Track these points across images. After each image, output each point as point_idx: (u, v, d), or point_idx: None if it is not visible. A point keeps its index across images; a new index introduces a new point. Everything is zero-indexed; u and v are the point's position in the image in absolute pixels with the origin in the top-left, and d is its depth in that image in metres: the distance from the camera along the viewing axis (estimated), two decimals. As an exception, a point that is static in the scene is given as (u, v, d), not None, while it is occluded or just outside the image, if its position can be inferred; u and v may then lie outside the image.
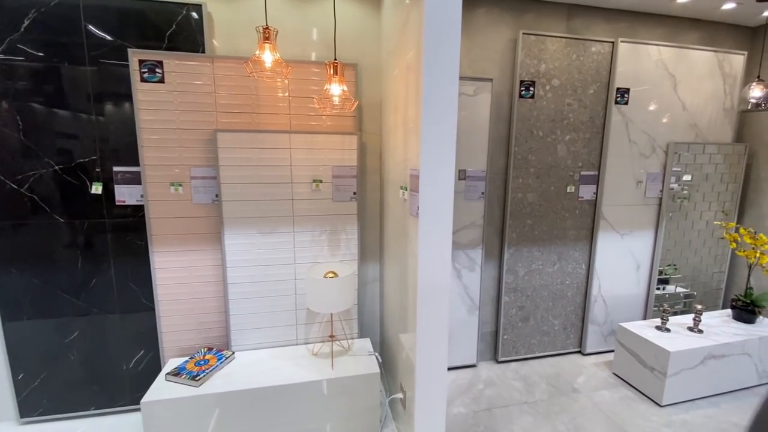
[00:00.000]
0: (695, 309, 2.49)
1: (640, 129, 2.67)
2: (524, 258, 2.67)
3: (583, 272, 2.81)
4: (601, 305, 2.85)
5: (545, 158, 2.57)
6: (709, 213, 2.93)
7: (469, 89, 2.36)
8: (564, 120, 2.55)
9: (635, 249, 2.84)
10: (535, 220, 2.64)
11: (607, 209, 2.72)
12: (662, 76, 2.64)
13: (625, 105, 2.60)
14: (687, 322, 2.57)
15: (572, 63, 2.49)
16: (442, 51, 1.43)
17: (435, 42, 1.42)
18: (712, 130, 2.83)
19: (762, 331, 2.49)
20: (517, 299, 2.71)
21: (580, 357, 2.87)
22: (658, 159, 2.75)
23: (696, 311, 2.49)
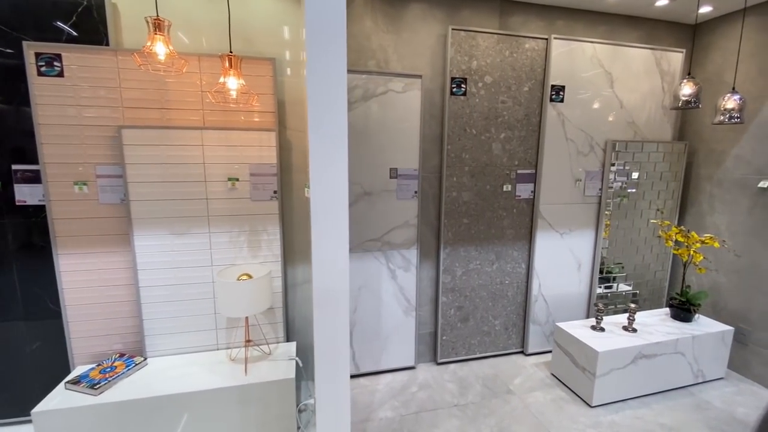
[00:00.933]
0: (629, 308, 2.48)
1: (577, 127, 2.65)
2: (461, 258, 2.63)
3: (523, 271, 2.78)
4: (542, 305, 2.82)
5: (480, 156, 2.53)
6: (649, 211, 2.92)
7: (397, 85, 2.31)
8: (498, 118, 2.52)
9: (576, 248, 2.82)
10: (471, 219, 2.60)
11: (545, 208, 2.69)
12: (598, 74, 2.62)
13: (561, 102, 2.58)
14: (623, 321, 2.56)
15: (505, 60, 2.46)
16: (326, 45, 1.37)
17: (317, 35, 1.36)
18: (652, 128, 2.83)
19: (696, 329, 2.49)
20: (455, 299, 2.67)
21: (521, 357, 2.84)
22: (596, 157, 2.73)
23: (630, 310, 2.48)
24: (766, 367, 2.48)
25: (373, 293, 2.50)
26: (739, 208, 2.62)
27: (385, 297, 2.52)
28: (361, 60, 2.29)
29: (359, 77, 2.24)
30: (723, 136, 2.71)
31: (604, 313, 2.48)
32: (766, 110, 2.45)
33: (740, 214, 2.61)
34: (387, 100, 2.31)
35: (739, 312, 2.63)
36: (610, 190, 2.79)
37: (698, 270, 2.51)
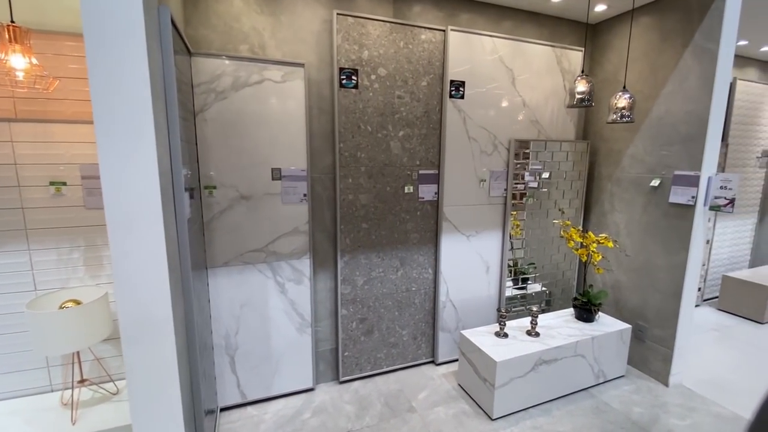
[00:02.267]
0: (531, 311, 2.41)
1: (480, 125, 2.54)
2: (362, 266, 2.42)
3: (431, 277, 2.63)
4: (450, 311, 2.69)
5: (377, 156, 2.33)
6: (555, 211, 2.90)
7: (275, 74, 2.04)
8: (395, 114, 2.33)
9: (483, 250, 2.72)
10: (371, 223, 2.39)
11: (449, 210, 2.56)
12: (499, 70, 2.53)
13: (462, 99, 2.45)
14: (528, 325, 2.48)
15: (400, 51, 2.28)
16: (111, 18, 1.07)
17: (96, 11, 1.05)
18: (556, 127, 2.80)
19: (597, 330, 2.47)
20: (357, 311, 2.45)
21: (431, 368, 2.69)
22: (500, 157, 2.65)
23: (532, 314, 2.40)
24: (662, 363, 2.52)
25: (259, 311, 2.21)
26: (635, 206, 2.65)
27: (274, 314, 2.24)
28: (229, 44, 1.99)
29: (226, 63, 1.94)
30: (620, 136, 2.74)
31: (507, 318, 2.38)
32: (657, 109, 2.49)
33: (636, 213, 2.64)
34: (264, 91, 2.03)
35: (638, 309, 2.66)
36: (516, 190, 2.72)
37: (596, 270, 2.50)
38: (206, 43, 1.94)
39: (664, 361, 2.51)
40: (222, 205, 2.04)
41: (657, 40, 2.47)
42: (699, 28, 2.24)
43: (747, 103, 3.74)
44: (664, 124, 2.45)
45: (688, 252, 2.34)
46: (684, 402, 2.34)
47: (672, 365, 2.47)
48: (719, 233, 3.88)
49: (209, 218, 2.03)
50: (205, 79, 1.92)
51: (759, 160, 3.99)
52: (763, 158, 4.01)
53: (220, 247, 2.08)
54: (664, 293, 2.49)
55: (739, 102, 3.68)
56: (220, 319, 2.14)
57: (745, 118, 3.77)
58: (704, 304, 3.92)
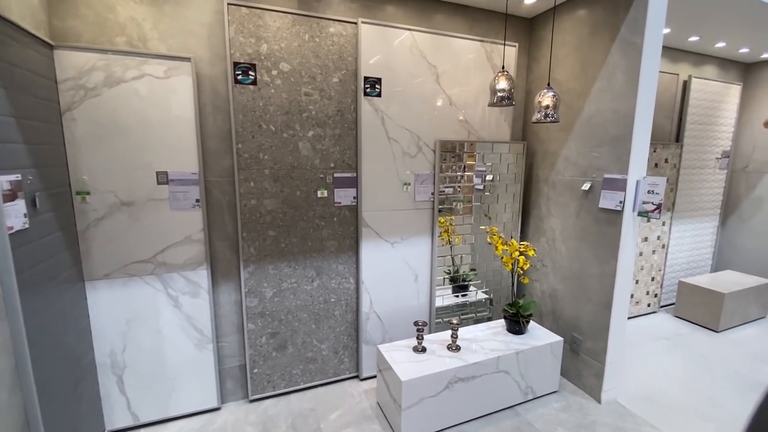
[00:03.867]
0: (451, 323, 2.24)
1: (401, 125, 2.37)
2: (271, 276, 2.25)
3: (352, 287, 2.46)
4: (375, 323, 2.53)
5: (284, 158, 2.16)
6: (499, 214, 2.75)
7: (157, 69, 1.86)
8: (303, 113, 2.16)
9: (410, 258, 2.55)
10: (279, 230, 2.22)
11: (370, 216, 2.39)
12: (421, 66, 2.37)
13: (378, 97, 2.29)
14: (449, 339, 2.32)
15: (305, 45, 2.11)
16: None
17: None
18: (489, 127, 2.64)
19: (523, 344, 2.31)
20: (267, 325, 2.28)
21: (355, 383, 2.52)
22: (426, 159, 2.48)
23: (452, 327, 2.24)
24: (595, 378, 2.37)
25: (149, 327, 2.03)
26: (569, 211, 2.50)
27: (168, 330, 2.07)
28: (103, 36, 1.81)
29: (97, 57, 1.76)
30: (554, 136, 2.59)
31: (422, 332, 2.21)
32: (588, 108, 2.33)
33: (570, 218, 2.49)
34: (144, 88, 1.85)
35: (572, 320, 2.51)
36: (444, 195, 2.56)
37: (523, 280, 2.34)
38: (74, 35, 1.76)
39: (597, 377, 2.35)
40: (99, 212, 1.87)
41: (587, 34, 2.31)
42: (624, 20, 2.08)
43: (704, 102, 3.60)
44: (594, 123, 2.30)
45: (617, 261, 2.18)
46: (613, 421, 2.18)
47: (604, 381, 2.31)
48: (677, 237, 3.74)
49: (84, 227, 1.85)
50: (72, 75, 1.74)
51: (719, 161, 3.86)
52: (722, 159, 3.88)
53: (100, 258, 1.90)
54: (596, 304, 2.34)
55: (695, 101, 3.54)
56: (103, 336, 1.96)
57: (703, 118, 3.64)
58: (661, 310, 3.78)
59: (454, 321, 2.24)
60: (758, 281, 3.55)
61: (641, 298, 3.60)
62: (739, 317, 3.41)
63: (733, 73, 3.78)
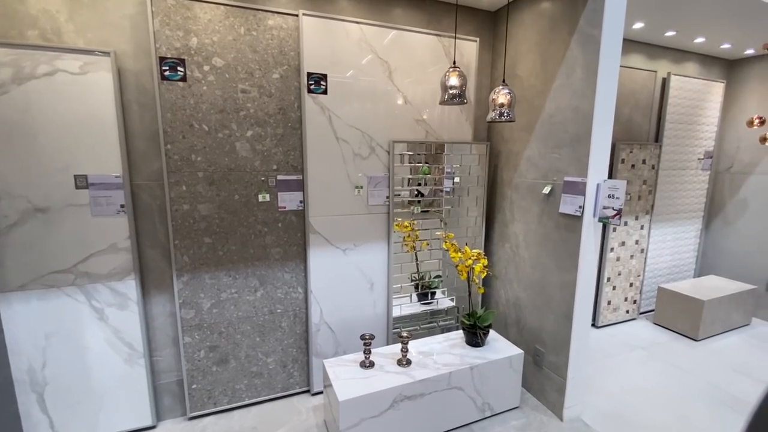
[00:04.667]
0: (400, 337, 2.10)
1: (350, 124, 2.23)
2: (208, 286, 2.11)
3: (301, 297, 2.32)
4: (327, 334, 2.38)
5: (219, 159, 2.02)
6: (465, 219, 2.60)
7: (72, 65, 1.72)
8: (241, 111, 2.02)
9: (365, 265, 2.41)
10: (216, 237, 2.08)
11: (319, 221, 2.25)
12: (372, 62, 2.23)
13: (324, 95, 2.14)
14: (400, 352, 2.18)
15: (241, 39, 1.97)
16: None
17: None
18: (448, 126, 2.49)
19: (479, 358, 2.16)
20: (205, 338, 2.14)
21: (305, 398, 2.38)
22: (380, 160, 2.34)
23: (401, 339, 2.10)
24: (558, 394, 2.22)
25: (72, 342, 1.89)
26: (532, 216, 2.35)
27: (94, 344, 1.93)
28: (12, 29, 1.67)
29: (4, 52, 1.62)
30: (518, 137, 2.44)
31: (370, 345, 2.07)
32: (548, 107, 2.19)
33: (533, 223, 2.35)
34: (58, 85, 1.71)
35: (536, 331, 2.37)
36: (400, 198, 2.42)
37: (478, 290, 2.20)
38: (-22, 27, 1.63)
39: (559, 392, 2.21)
40: (10, 218, 1.73)
41: (546, 27, 2.17)
42: (583, 12, 1.94)
43: (684, 101, 3.45)
44: (554, 123, 2.15)
45: (578, 269, 2.04)
46: (573, 441, 2.04)
47: (566, 397, 2.17)
48: (657, 240, 3.59)
49: (-8, 235, 1.71)
50: (-27, 70, 1.60)
51: (701, 162, 3.71)
52: (705, 160, 3.73)
53: (13, 268, 1.76)
54: (557, 315, 2.20)
55: (675, 99, 3.40)
56: (19, 352, 1.82)
57: (683, 117, 3.49)
58: (641, 317, 3.63)
59: (404, 334, 2.10)
60: (741, 287, 3.41)
61: (619, 305, 3.46)
62: (720, 325, 3.27)
63: (715, 70, 3.64)
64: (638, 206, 3.34)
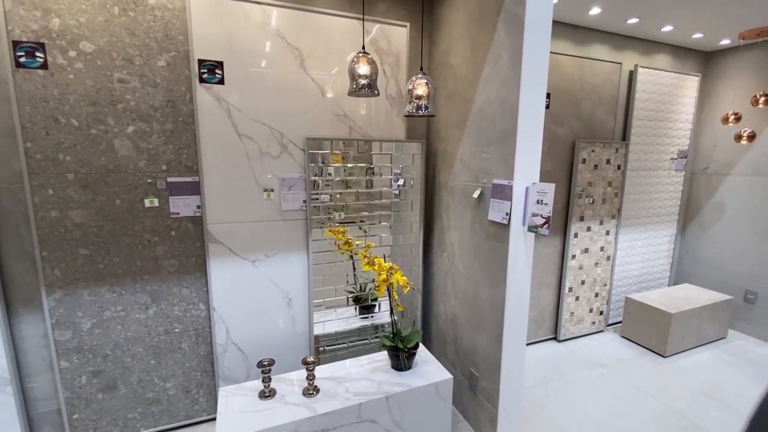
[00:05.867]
0: (305, 362, 1.84)
1: (255, 119, 1.97)
2: (87, 304, 1.85)
3: (203, 314, 2.06)
4: (235, 356, 2.13)
5: (94, 159, 1.76)
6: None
7: None
8: (119, 104, 1.76)
9: (280, 278, 2.15)
10: (95, 248, 1.82)
11: (221, 229, 1.99)
12: (279, 49, 1.97)
13: (221, 84, 1.89)
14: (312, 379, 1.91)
15: (115, 20, 1.71)
16: None
17: None
18: (376, 122, 2.23)
19: (400, 384, 1.89)
20: (86, 362, 1.88)
21: (213, 426, 2.12)
22: (294, 160, 2.08)
23: (306, 365, 1.83)
24: (491, 425, 1.96)
25: None
26: (465, 222, 2.09)
27: (-58, 372, 1.68)
28: None
29: None
30: (452, 134, 2.18)
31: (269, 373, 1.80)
32: (478, 99, 1.93)
33: (466, 230, 2.09)
34: None
35: (470, 352, 2.11)
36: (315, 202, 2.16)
37: (397, 307, 1.93)
38: None
39: (492, 423, 1.95)
40: None
41: (475, 7, 1.91)
42: (508, -12, 1.68)
43: (654, 95, 3.19)
44: (484, 117, 1.89)
45: (506, 285, 1.78)
46: (500, 483, 1.78)
47: (498, 429, 1.91)
48: (626, 247, 3.33)
49: None
50: None
51: (674, 162, 3.44)
52: (679, 160, 3.46)
53: None
54: (489, 335, 1.94)
55: (644, 93, 3.13)
56: None
57: (653, 113, 3.22)
58: (609, 329, 3.37)
59: (309, 359, 1.83)
60: (716, 297, 3.14)
61: (583, 317, 3.19)
62: (691, 340, 3.00)
63: (690, 63, 3.37)
64: (603, 210, 3.08)
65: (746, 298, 3.25)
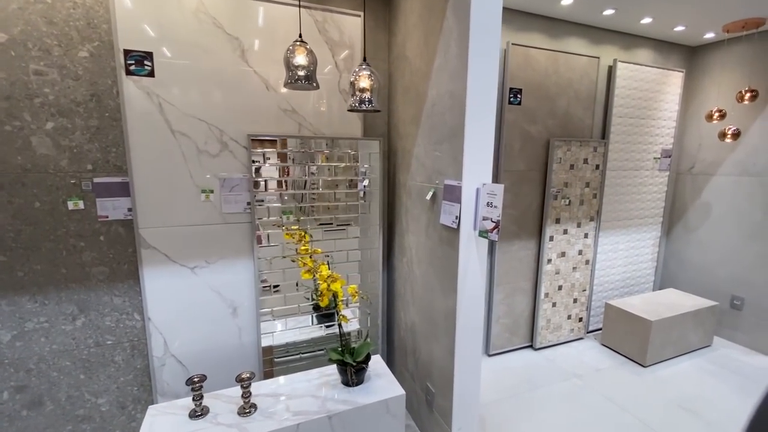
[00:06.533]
0: (240, 378, 1.69)
1: (190, 114, 1.83)
2: (6, 315, 1.70)
3: (138, 325, 1.92)
4: (175, 369, 1.98)
5: (9, 158, 1.62)
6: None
7: None
8: (36, 98, 1.62)
9: (223, 286, 2.01)
10: (13, 254, 1.68)
11: (154, 233, 1.85)
12: (216, 38, 1.82)
13: (150, 77, 1.74)
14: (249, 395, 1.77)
15: (30, 7, 1.56)
16: None
17: None
18: (329, 119, 2.09)
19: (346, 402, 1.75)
20: (7, 377, 1.74)
21: (150, 446, 1.98)
22: (236, 159, 1.94)
23: (240, 382, 1.69)
24: (447, 444, 1.82)
25: None
26: (421, 226, 1.95)
27: None
28: None
29: None
30: (408, 131, 2.04)
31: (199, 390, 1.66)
32: (431, 93, 1.78)
33: (422, 235, 1.94)
34: None
35: (427, 365, 1.96)
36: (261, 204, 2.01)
37: (342, 319, 1.79)
38: None
39: (446, 444, 1.80)
40: None
41: None
42: (456, -30, 1.53)
43: (635, 92, 3.04)
44: (436, 113, 1.75)
45: (457, 294, 1.63)
46: None
47: (452, 451, 1.77)
48: (607, 250, 3.18)
49: None
50: None
51: (658, 161, 3.30)
52: (663, 159, 3.32)
53: None
54: (443, 347, 1.79)
55: (624, 90, 2.99)
56: None
57: (635, 110, 3.08)
58: (589, 336, 3.22)
59: (244, 375, 1.69)
60: (701, 303, 2.99)
61: (561, 324, 3.04)
62: (672, 348, 2.85)
63: (674, 58, 3.22)
64: (580, 212, 2.93)
65: (732, 304, 3.10)
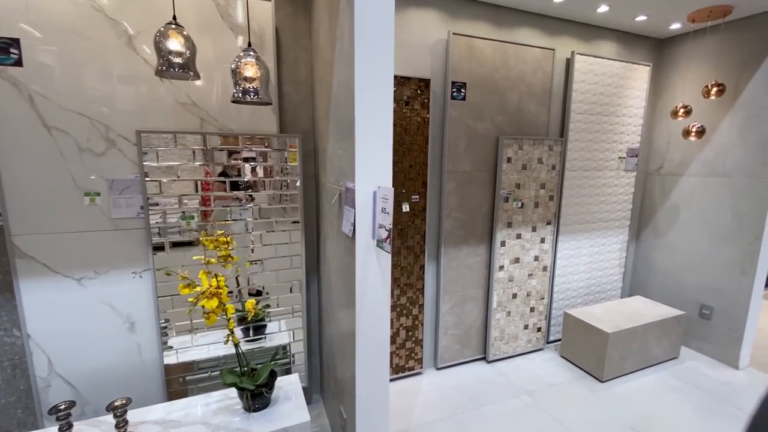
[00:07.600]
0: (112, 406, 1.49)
1: (68, 108, 1.63)
2: None
3: (18, 343, 1.73)
4: (62, 390, 1.79)
5: None
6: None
7: None
8: None
9: (118, 299, 1.81)
10: None
11: (31, 241, 1.65)
12: (98, 23, 1.63)
13: (18, 67, 1.55)
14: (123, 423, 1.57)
15: None
16: None
17: None
18: (237, 114, 1.89)
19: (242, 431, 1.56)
20: None
21: (35, 476, 1.79)
22: (125, 157, 1.74)
23: (113, 410, 1.49)
24: (357, 476, 1.62)
25: None
26: (333, 231, 1.75)
27: None
28: None
29: None
30: (323, 127, 1.84)
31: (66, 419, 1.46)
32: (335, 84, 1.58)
33: (334, 242, 1.75)
34: None
35: (342, 385, 1.77)
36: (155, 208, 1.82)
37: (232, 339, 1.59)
38: None
39: (354, 477, 1.61)
40: None
41: (328, -28, 1.57)
42: (346, -59, 1.34)
43: (596, 87, 2.85)
44: (338, 105, 1.55)
45: (355, 309, 1.44)
46: None
47: (358, 486, 1.57)
48: (568, 255, 2.99)
49: None
50: None
51: (624, 161, 3.10)
52: (629, 159, 3.12)
53: None
54: (349, 369, 1.60)
55: (583, 84, 2.79)
56: None
57: (596, 107, 2.88)
58: (549, 347, 3.02)
59: (117, 402, 1.49)
60: (667, 313, 2.80)
61: (517, 334, 2.85)
62: (634, 361, 2.66)
63: (639, 51, 3.03)
64: (535, 215, 2.74)
65: (701, 313, 2.91)
